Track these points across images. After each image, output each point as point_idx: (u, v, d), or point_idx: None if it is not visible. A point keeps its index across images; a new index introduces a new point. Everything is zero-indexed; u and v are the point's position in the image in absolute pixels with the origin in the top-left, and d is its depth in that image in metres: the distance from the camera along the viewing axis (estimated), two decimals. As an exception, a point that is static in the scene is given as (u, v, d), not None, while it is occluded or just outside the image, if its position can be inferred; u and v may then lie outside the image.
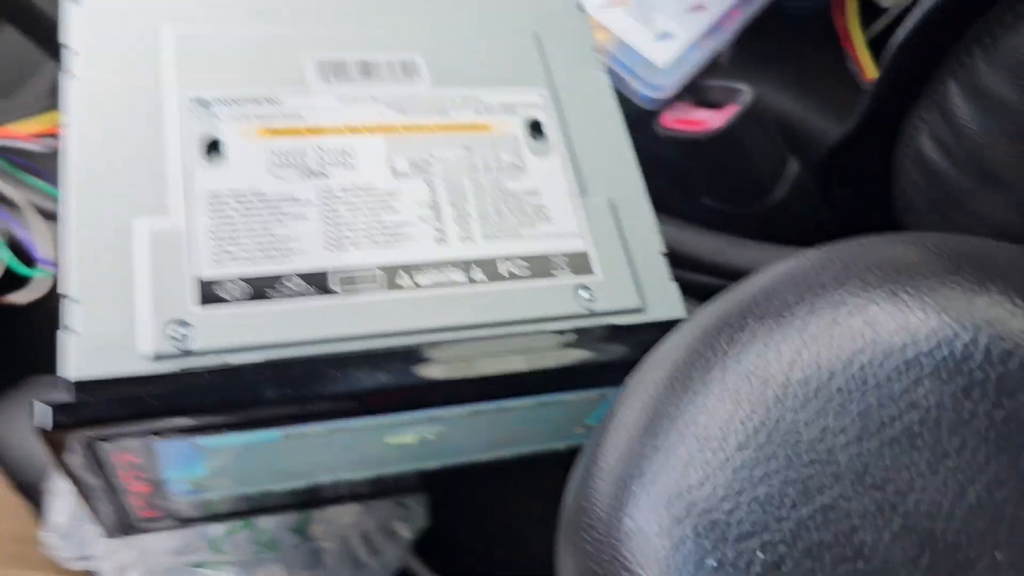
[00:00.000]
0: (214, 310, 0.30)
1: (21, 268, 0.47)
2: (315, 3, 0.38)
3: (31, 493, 0.47)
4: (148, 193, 0.32)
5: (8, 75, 0.56)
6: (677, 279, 0.37)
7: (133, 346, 0.29)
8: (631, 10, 0.51)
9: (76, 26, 0.34)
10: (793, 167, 0.49)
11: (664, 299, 0.36)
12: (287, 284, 0.31)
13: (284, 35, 0.37)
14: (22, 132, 0.50)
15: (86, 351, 0.29)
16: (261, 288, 0.31)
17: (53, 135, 0.50)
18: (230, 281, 0.31)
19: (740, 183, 0.50)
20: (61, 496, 0.43)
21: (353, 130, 0.35)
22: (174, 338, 0.29)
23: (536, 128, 0.38)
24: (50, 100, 0.53)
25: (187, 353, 0.29)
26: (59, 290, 0.30)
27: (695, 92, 0.51)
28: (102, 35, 0.34)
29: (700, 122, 0.49)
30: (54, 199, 0.48)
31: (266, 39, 0.36)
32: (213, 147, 0.33)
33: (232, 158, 0.33)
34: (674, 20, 0.50)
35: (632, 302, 0.35)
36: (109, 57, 0.34)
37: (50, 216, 0.49)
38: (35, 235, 0.49)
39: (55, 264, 0.48)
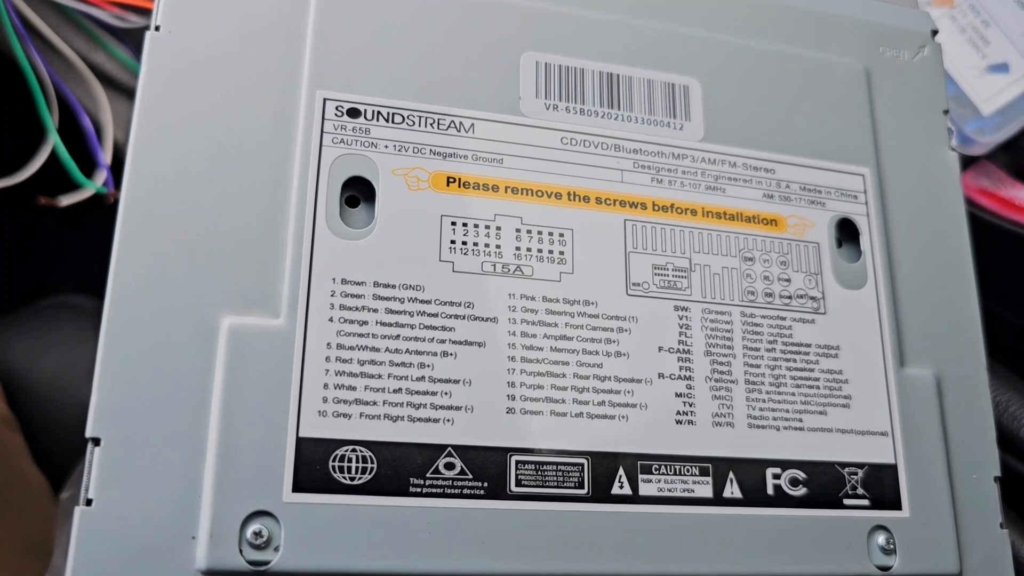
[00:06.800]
0: (315, 503, 0.18)
1: (79, 176, 0.38)
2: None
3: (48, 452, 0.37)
4: (242, 270, 0.19)
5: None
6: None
7: (184, 552, 0.17)
8: (959, 19, 0.35)
9: None
10: None
11: (991, 559, 0.23)
12: (442, 471, 0.19)
13: (487, 12, 0.23)
14: (98, -5, 0.39)
15: (107, 558, 0.17)
16: (397, 472, 0.19)
17: (136, 8, 0.40)
18: (349, 449, 0.19)
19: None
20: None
21: (579, 199, 0.22)
22: (254, 545, 0.18)
23: (848, 233, 0.24)
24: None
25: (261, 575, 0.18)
26: (87, 431, 0.18)
27: (1015, 155, 0.36)
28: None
29: (1018, 205, 0.34)
30: (133, 73, 0.39)
31: (459, 15, 0.22)
32: (353, 198, 0.21)
33: (384, 221, 0.20)
34: (1016, 47, 0.35)
35: (947, 564, 0.22)
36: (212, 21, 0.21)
37: (123, 90, 0.39)
38: (102, 118, 0.39)
39: (110, 168, 0.39)
